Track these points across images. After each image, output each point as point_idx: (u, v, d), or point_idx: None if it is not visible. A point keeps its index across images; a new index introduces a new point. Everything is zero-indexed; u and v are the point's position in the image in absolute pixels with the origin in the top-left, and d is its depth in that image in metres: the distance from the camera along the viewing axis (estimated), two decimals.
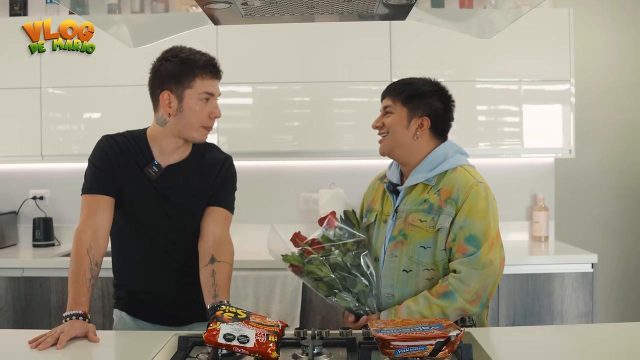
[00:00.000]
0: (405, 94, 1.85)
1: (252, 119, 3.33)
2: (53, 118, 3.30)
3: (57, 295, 2.96)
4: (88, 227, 1.78)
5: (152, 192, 1.86)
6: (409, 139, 1.85)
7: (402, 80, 1.93)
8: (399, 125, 1.85)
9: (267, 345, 1.40)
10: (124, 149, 1.86)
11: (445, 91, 1.90)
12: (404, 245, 1.81)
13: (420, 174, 1.84)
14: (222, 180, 1.93)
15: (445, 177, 1.82)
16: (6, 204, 3.56)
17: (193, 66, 1.81)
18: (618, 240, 3.73)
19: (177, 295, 1.91)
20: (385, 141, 1.88)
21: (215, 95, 1.86)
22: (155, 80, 1.84)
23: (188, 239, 1.89)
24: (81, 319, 1.65)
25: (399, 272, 1.82)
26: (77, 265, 1.74)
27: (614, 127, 3.70)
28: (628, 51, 3.67)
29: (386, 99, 1.91)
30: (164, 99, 1.81)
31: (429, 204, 1.80)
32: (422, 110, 1.85)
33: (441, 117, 1.88)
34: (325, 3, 1.57)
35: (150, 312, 1.92)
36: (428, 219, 1.79)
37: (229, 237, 1.90)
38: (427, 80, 1.91)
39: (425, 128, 1.85)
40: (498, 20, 1.89)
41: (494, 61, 3.25)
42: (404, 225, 1.82)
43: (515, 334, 1.85)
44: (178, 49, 1.86)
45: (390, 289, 1.82)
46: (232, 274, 1.84)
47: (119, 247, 1.95)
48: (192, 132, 1.84)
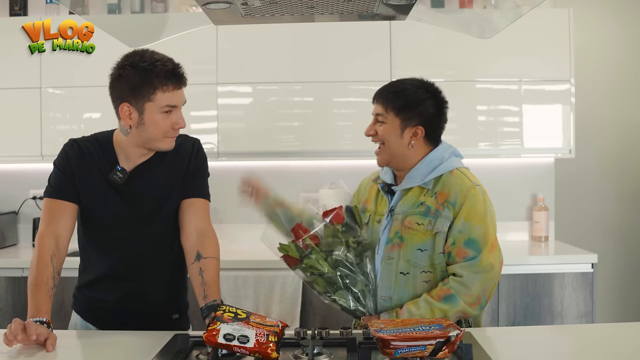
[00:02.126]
0: (398, 104, 1.82)
1: (252, 119, 3.33)
2: (53, 118, 3.30)
3: (57, 295, 2.95)
4: (51, 234, 1.73)
5: (118, 197, 1.79)
6: (403, 148, 1.83)
7: (393, 85, 1.88)
8: (392, 135, 1.83)
9: (267, 345, 1.40)
10: (86, 155, 1.79)
11: (438, 95, 1.87)
12: (401, 248, 1.81)
13: (417, 177, 1.83)
14: (195, 167, 1.85)
15: (442, 180, 1.82)
16: (6, 204, 3.56)
17: (153, 78, 1.68)
18: (618, 240, 3.73)
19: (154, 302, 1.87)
20: (382, 153, 1.87)
21: (179, 105, 1.75)
22: (114, 90, 1.74)
23: (164, 241, 1.84)
24: (45, 326, 1.58)
25: (396, 275, 1.81)
26: (40, 272, 1.67)
27: (614, 127, 3.70)
28: (628, 51, 3.67)
29: (378, 106, 1.87)
30: (123, 110, 1.72)
31: (425, 206, 1.80)
32: (415, 119, 1.82)
33: (435, 124, 1.86)
34: (325, 3, 1.58)
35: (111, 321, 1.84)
36: (425, 222, 1.79)
37: (212, 228, 1.83)
38: (419, 83, 1.87)
39: (420, 137, 1.83)
40: (498, 20, 1.89)
41: (494, 61, 3.25)
42: (400, 227, 1.82)
43: (515, 334, 1.85)
44: (138, 56, 1.71)
45: (388, 292, 1.82)
46: (219, 266, 1.79)
47: (88, 260, 1.89)
48: (156, 143, 1.76)
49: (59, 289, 1.76)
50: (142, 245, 1.83)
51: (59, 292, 2.90)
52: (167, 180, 1.83)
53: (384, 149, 1.85)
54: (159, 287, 1.87)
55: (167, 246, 1.86)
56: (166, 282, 1.88)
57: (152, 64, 1.68)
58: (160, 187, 1.82)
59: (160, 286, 1.87)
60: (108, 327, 1.82)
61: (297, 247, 1.78)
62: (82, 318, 1.88)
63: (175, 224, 1.84)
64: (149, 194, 1.81)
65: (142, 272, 1.84)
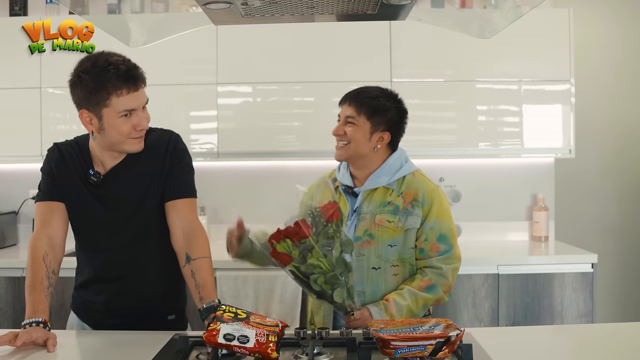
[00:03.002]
0: (370, 109, 1.95)
1: (252, 119, 3.32)
2: (53, 118, 3.30)
3: (57, 295, 2.95)
4: (43, 235, 1.73)
5: (96, 200, 1.78)
6: (369, 150, 1.97)
7: (366, 91, 2.00)
8: (362, 137, 1.96)
9: (267, 345, 1.40)
10: (67, 158, 1.79)
11: (403, 107, 2.02)
12: (371, 245, 1.94)
13: (381, 178, 1.97)
14: (171, 164, 1.81)
15: (406, 182, 1.99)
16: (6, 204, 3.56)
17: (106, 83, 1.64)
18: (618, 240, 3.73)
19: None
20: (345, 149, 1.98)
21: (138, 107, 1.70)
22: (73, 96, 1.72)
23: (150, 242, 1.83)
24: (41, 326, 1.59)
25: (368, 270, 1.94)
26: (34, 273, 1.67)
27: (614, 127, 3.70)
28: (628, 51, 3.67)
29: (348, 108, 1.98)
30: (83, 117, 1.70)
31: (394, 205, 1.95)
32: (384, 125, 1.97)
33: (398, 131, 2.03)
34: (325, 3, 1.57)
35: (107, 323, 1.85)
36: (395, 220, 1.94)
37: (200, 226, 1.80)
38: (388, 92, 2.02)
39: (385, 141, 1.99)
40: (498, 20, 1.89)
41: (494, 61, 3.25)
42: (369, 225, 1.95)
43: (515, 334, 1.85)
44: (92, 60, 1.68)
45: (361, 287, 1.93)
46: (212, 265, 1.77)
47: (78, 261, 1.90)
48: (122, 145, 1.74)
49: (58, 288, 1.76)
50: (124, 247, 1.81)
51: (59, 292, 2.90)
52: (142, 181, 1.80)
53: (348, 148, 1.97)
54: (147, 288, 1.85)
55: (152, 247, 1.83)
56: (155, 283, 1.86)
57: (104, 69, 1.65)
58: (135, 188, 1.80)
59: (148, 287, 1.85)
60: (100, 327, 1.82)
61: (296, 246, 1.77)
62: (78, 317, 1.89)
63: (158, 224, 1.82)
64: (126, 196, 1.80)
65: (126, 273, 1.83)
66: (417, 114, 3.29)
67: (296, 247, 1.75)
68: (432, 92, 3.28)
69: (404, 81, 3.23)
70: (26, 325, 1.59)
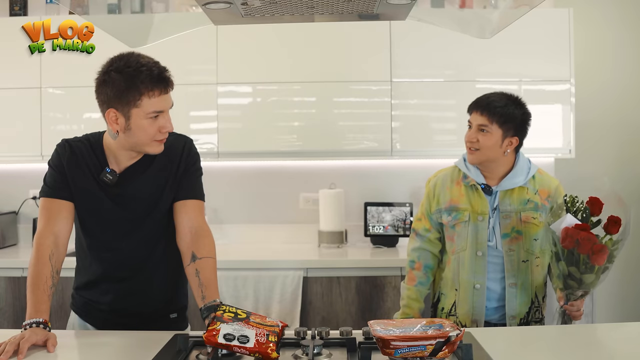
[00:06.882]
0: (502, 118, 2.12)
1: (252, 119, 3.33)
2: (53, 118, 3.30)
3: (57, 295, 2.96)
4: (49, 233, 1.72)
5: (109, 199, 1.78)
6: (499, 154, 2.15)
7: (494, 100, 2.14)
8: (494, 144, 2.13)
9: (267, 345, 1.40)
10: (78, 155, 1.79)
11: (527, 111, 2.19)
12: (519, 240, 2.14)
13: (518, 179, 2.16)
14: (185, 167, 1.84)
15: (536, 180, 2.19)
16: (6, 204, 3.56)
17: (139, 84, 1.66)
18: None
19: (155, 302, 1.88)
20: (477, 155, 2.15)
21: (166, 110, 1.73)
22: (100, 94, 1.72)
23: (160, 244, 1.84)
24: (42, 327, 1.58)
25: (519, 263, 2.14)
26: (38, 271, 1.66)
27: (614, 127, 3.70)
28: (628, 51, 3.67)
29: (481, 117, 2.13)
30: (110, 116, 1.71)
31: (534, 203, 2.15)
32: (513, 131, 2.14)
33: (524, 134, 2.20)
34: (325, 3, 1.58)
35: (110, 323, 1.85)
36: (537, 216, 2.14)
37: (207, 228, 1.82)
38: (512, 98, 2.17)
39: (514, 145, 2.16)
40: (498, 20, 1.89)
41: (494, 61, 3.25)
42: (516, 223, 2.14)
43: (515, 334, 1.85)
44: (124, 60, 1.69)
45: (514, 279, 2.14)
46: (216, 265, 1.77)
47: (82, 262, 1.89)
48: (144, 147, 1.75)
49: (58, 288, 1.76)
50: (135, 247, 1.82)
51: (60, 292, 2.91)
52: (157, 182, 1.82)
53: (481, 153, 2.14)
54: (154, 287, 1.87)
55: (161, 247, 1.85)
56: (162, 282, 1.88)
57: (137, 70, 1.66)
58: (150, 189, 1.81)
59: (155, 287, 1.87)
60: (105, 327, 1.82)
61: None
62: (80, 318, 1.89)
63: (168, 225, 1.84)
64: (140, 196, 1.80)
65: (135, 273, 1.84)
66: (417, 114, 3.30)
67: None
68: (432, 92, 3.28)
69: (404, 81, 3.24)
70: (27, 326, 1.58)
